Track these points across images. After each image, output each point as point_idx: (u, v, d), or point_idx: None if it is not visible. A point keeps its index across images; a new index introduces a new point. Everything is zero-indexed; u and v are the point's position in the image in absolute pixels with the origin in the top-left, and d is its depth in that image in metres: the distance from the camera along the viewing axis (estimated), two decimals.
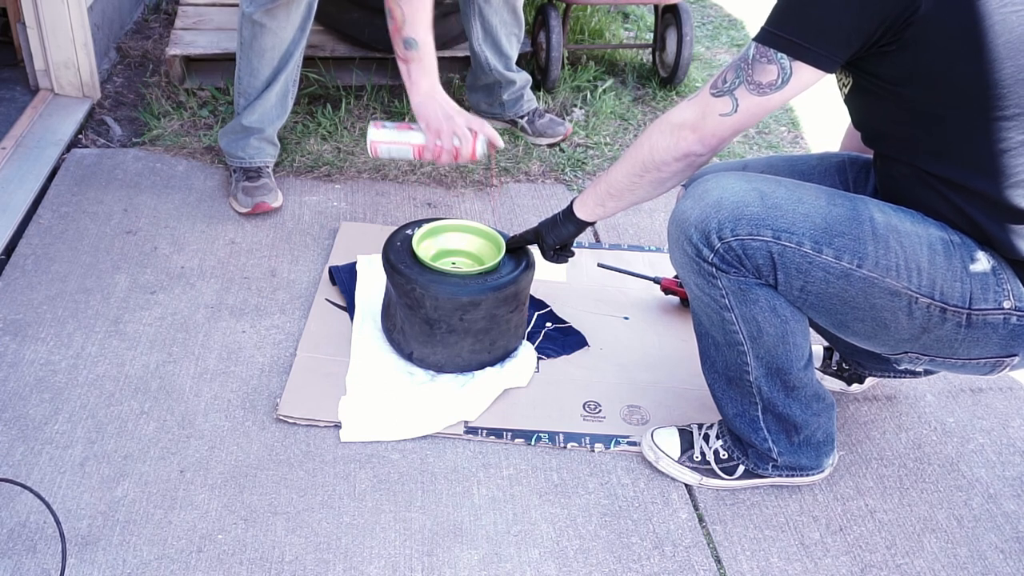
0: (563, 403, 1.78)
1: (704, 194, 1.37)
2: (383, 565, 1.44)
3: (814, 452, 1.60)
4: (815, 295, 1.36)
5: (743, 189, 1.35)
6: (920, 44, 1.23)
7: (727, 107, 1.35)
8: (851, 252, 1.31)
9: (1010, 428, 1.83)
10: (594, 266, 2.18)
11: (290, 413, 1.69)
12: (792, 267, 1.33)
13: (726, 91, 1.35)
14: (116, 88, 2.88)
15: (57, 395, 1.70)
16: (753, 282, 1.38)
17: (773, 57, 1.29)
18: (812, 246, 1.31)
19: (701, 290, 1.44)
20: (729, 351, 1.49)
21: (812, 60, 1.27)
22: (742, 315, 1.42)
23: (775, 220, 1.32)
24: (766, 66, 1.30)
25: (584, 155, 2.71)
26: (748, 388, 1.51)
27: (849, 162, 1.62)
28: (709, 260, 1.38)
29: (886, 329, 1.37)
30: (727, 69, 1.36)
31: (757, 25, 1.34)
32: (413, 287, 1.68)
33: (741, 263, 1.36)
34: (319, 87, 2.87)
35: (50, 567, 1.39)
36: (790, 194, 1.35)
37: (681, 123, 1.40)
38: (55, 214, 2.22)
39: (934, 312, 1.32)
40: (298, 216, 2.32)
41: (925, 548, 1.56)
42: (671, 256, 1.47)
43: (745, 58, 1.33)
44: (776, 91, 1.31)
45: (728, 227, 1.34)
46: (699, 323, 1.53)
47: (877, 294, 1.32)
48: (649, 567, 1.48)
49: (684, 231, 1.39)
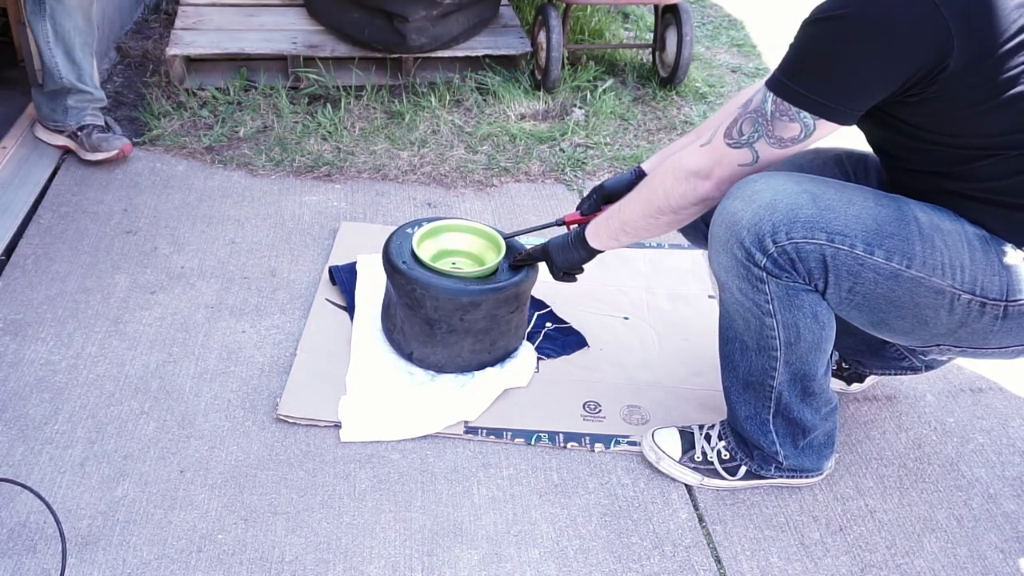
0: (563, 403, 1.78)
1: (755, 195, 1.33)
2: (383, 565, 1.44)
3: (816, 455, 1.60)
4: (862, 296, 1.34)
5: (795, 191, 1.32)
6: (944, 98, 1.22)
7: (747, 159, 1.34)
8: (900, 253, 1.29)
9: (1010, 428, 1.83)
10: (594, 266, 2.17)
11: (290, 413, 1.69)
12: (843, 269, 1.31)
13: (744, 144, 1.33)
14: (116, 88, 2.88)
15: (57, 395, 1.70)
16: (801, 287, 1.36)
17: (796, 116, 1.27)
18: (864, 248, 1.29)
19: (744, 294, 1.41)
20: (759, 356, 1.47)
21: (836, 118, 1.26)
22: (784, 321, 1.40)
23: (829, 222, 1.30)
24: (788, 124, 1.28)
25: (584, 155, 2.71)
26: (767, 393, 1.50)
27: (846, 156, 1.62)
28: (761, 264, 1.34)
29: (925, 325, 1.36)
30: (742, 119, 1.33)
31: (757, 25, 1.33)
32: (413, 287, 1.68)
33: (793, 267, 1.33)
34: (319, 87, 2.87)
35: (50, 567, 1.39)
36: (839, 195, 1.33)
37: (696, 171, 1.38)
38: (55, 214, 2.22)
39: (974, 307, 1.31)
40: (298, 216, 2.32)
41: (925, 548, 1.56)
42: (713, 257, 1.43)
43: (762, 112, 1.30)
44: (797, 144, 1.30)
45: (783, 230, 1.31)
46: (730, 327, 1.50)
47: (923, 293, 1.31)
48: (649, 567, 1.48)
49: (735, 234, 1.35)
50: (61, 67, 2.33)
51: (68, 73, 2.35)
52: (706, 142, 1.38)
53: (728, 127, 1.35)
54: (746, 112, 1.33)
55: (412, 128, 2.74)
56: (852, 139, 1.50)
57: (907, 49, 1.19)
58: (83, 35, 2.34)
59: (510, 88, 2.98)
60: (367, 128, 2.72)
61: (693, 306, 2.10)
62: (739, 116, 1.33)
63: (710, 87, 3.25)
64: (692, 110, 3.07)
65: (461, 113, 2.86)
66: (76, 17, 2.31)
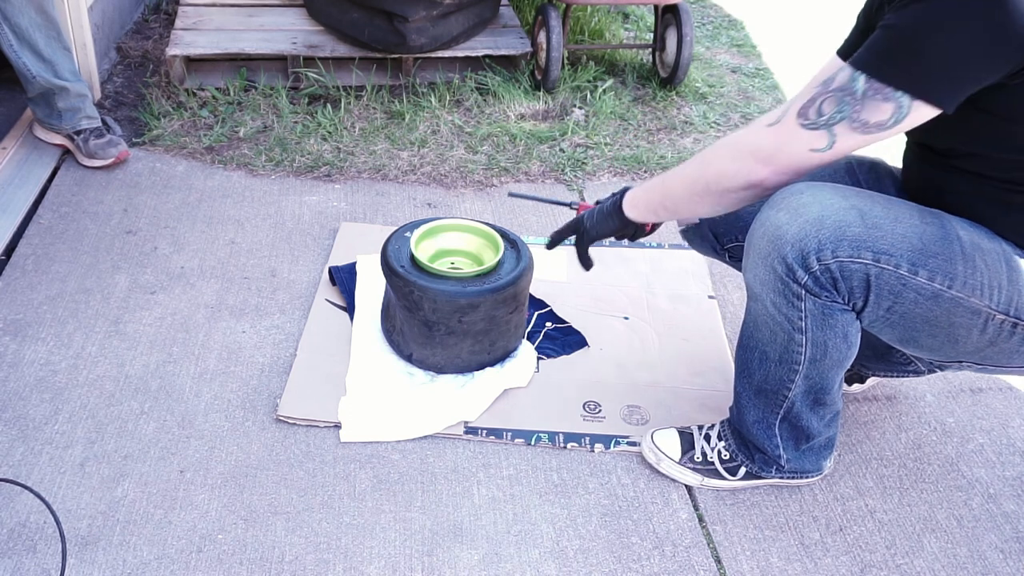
0: (563, 403, 1.78)
1: (801, 208, 1.27)
2: (383, 565, 1.44)
3: (816, 456, 1.60)
4: (899, 315, 1.30)
5: (843, 206, 1.26)
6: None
7: (821, 143, 1.22)
8: (943, 273, 1.25)
9: (1010, 428, 1.83)
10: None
11: (290, 413, 1.69)
12: (885, 289, 1.27)
13: (823, 125, 1.21)
14: (116, 88, 2.88)
15: (57, 395, 1.70)
16: (837, 307, 1.32)
17: (891, 95, 1.16)
18: (909, 268, 1.25)
19: (777, 308, 1.36)
20: (779, 367, 1.44)
21: (936, 100, 1.16)
22: (813, 339, 1.36)
23: (876, 241, 1.24)
24: (881, 104, 1.17)
25: (584, 155, 2.71)
26: (780, 400, 1.49)
27: (856, 164, 1.58)
28: (802, 282, 1.29)
29: (955, 344, 1.32)
30: (822, 98, 1.22)
31: (757, 25, 1.31)
32: (411, 289, 1.68)
33: (835, 286, 1.29)
34: (319, 87, 2.87)
35: (50, 567, 1.39)
36: (886, 212, 1.27)
37: (756, 150, 1.28)
38: (55, 214, 2.22)
39: (1006, 327, 1.29)
40: (298, 216, 2.32)
41: (925, 548, 1.56)
42: (749, 268, 1.37)
43: (851, 91, 1.19)
44: (883, 130, 1.19)
45: (829, 248, 1.25)
46: (753, 336, 1.47)
47: (960, 313, 1.27)
48: (649, 567, 1.48)
49: (778, 248, 1.29)
50: (32, 67, 2.29)
51: (41, 71, 2.30)
52: (774, 121, 1.27)
53: (803, 106, 1.23)
54: (828, 90, 1.21)
55: (412, 128, 2.74)
56: None
57: (1015, 25, 1.11)
58: (43, 29, 2.28)
59: (510, 88, 2.99)
60: (367, 128, 2.72)
61: (693, 306, 2.10)
62: (818, 94, 1.22)
63: (710, 87, 3.25)
64: (692, 110, 3.07)
65: (461, 113, 2.86)
66: (28, 12, 2.23)
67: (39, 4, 2.25)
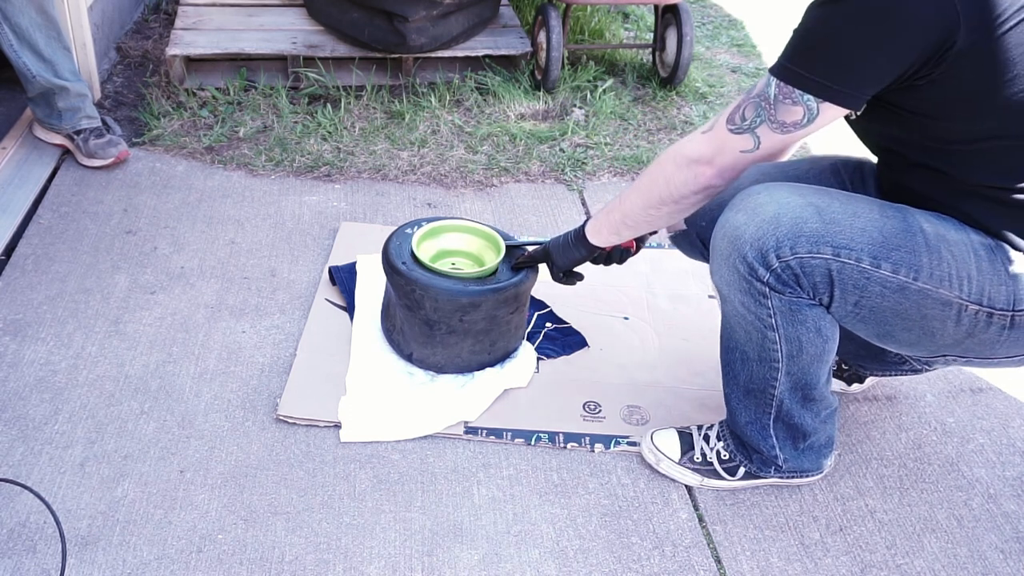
0: (563, 403, 1.78)
1: (758, 208, 1.32)
2: (383, 565, 1.44)
3: (815, 455, 1.60)
4: (868, 309, 1.32)
5: (799, 204, 1.30)
6: (952, 79, 1.19)
7: (748, 144, 1.31)
8: (907, 265, 1.27)
9: (1010, 428, 1.83)
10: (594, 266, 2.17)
11: (290, 413, 1.69)
12: (849, 283, 1.30)
13: (746, 129, 1.30)
14: (116, 88, 2.88)
15: (57, 395, 1.70)
16: (804, 302, 1.35)
17: (799, 99, 1.24)
18: (871, 261, 1.28)
19: (746, 308, 1.39)
20: (760, 366, 1.46)
21: (840, 101, 1.23)
22: (786, 335, 1.39)
23: (834, 236, 1.28)
24: (791, 107, 1.25)
25: (584, 155, 2.71)
26: (768, 400, 1.50)
27: (841, 164, 1.60)
28: (764, 280, 1.33)
29: (932, 337, 1.34)
30: (744, 104, 1.31)
31: (757, 25, 1.32)
32: (413, 288, 1.68)
33: (798, 282, 1.32)
34: (319, 87, 2.87)
35: (50, 567, 1.39)
36: (844, 207, 1.30)
37: (697, 158, 1.35)
38: (55, 214, 2.22)
39: (981, 317, 1.30)
40: (298, 216, 2.32)
41: (925, 548, 1.56)
42: (715, 270, 1.41)
43: (765, 96, 1.28)
44: (800, 129, 1.27)
45: (787, 245, 1.29)
46: (731, 337, 1.49)
47: (930, 305, 1.29)
48: (649, 567, 1.48)
49: (738, 248, 1.33)
50: (32, 67, 2.29)
51: (41, 71, 2.30)
52: (708, 129, 1.36)
53: (731, 113, 1.32)
54: (749, 97, 1.31)
55: (412, 128, 2.74)
56: (849, 146, 1.50)
57: (914, 27, 1.16)
58: (44, 29, 2.28)
59: (510, 88, 2.98)
60: (367, 128, 2.72)
61: (693, 306, 2.10)
62: (742, 101, 1.32)
63: (710, 87, 3.25)
64: (692, 110, 3.07)
65: (461, 113, 2.86)
66: (29, 11, 2.24)
67: (39, 4, 2.25)
